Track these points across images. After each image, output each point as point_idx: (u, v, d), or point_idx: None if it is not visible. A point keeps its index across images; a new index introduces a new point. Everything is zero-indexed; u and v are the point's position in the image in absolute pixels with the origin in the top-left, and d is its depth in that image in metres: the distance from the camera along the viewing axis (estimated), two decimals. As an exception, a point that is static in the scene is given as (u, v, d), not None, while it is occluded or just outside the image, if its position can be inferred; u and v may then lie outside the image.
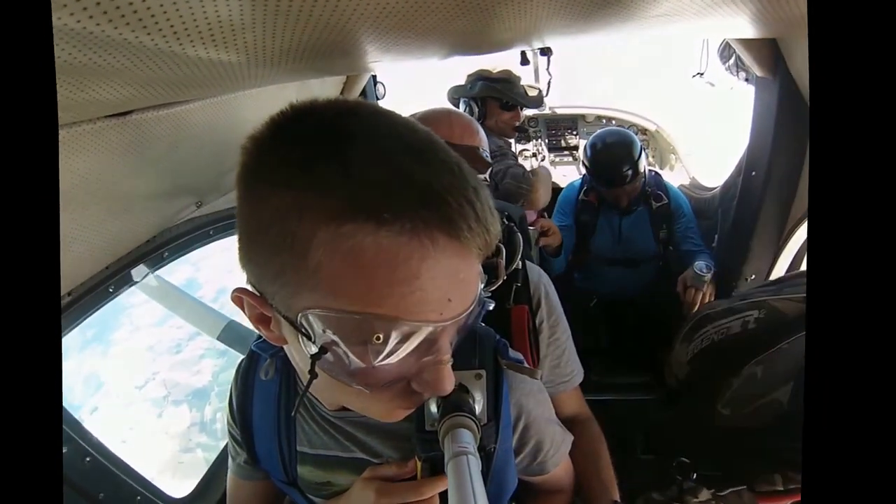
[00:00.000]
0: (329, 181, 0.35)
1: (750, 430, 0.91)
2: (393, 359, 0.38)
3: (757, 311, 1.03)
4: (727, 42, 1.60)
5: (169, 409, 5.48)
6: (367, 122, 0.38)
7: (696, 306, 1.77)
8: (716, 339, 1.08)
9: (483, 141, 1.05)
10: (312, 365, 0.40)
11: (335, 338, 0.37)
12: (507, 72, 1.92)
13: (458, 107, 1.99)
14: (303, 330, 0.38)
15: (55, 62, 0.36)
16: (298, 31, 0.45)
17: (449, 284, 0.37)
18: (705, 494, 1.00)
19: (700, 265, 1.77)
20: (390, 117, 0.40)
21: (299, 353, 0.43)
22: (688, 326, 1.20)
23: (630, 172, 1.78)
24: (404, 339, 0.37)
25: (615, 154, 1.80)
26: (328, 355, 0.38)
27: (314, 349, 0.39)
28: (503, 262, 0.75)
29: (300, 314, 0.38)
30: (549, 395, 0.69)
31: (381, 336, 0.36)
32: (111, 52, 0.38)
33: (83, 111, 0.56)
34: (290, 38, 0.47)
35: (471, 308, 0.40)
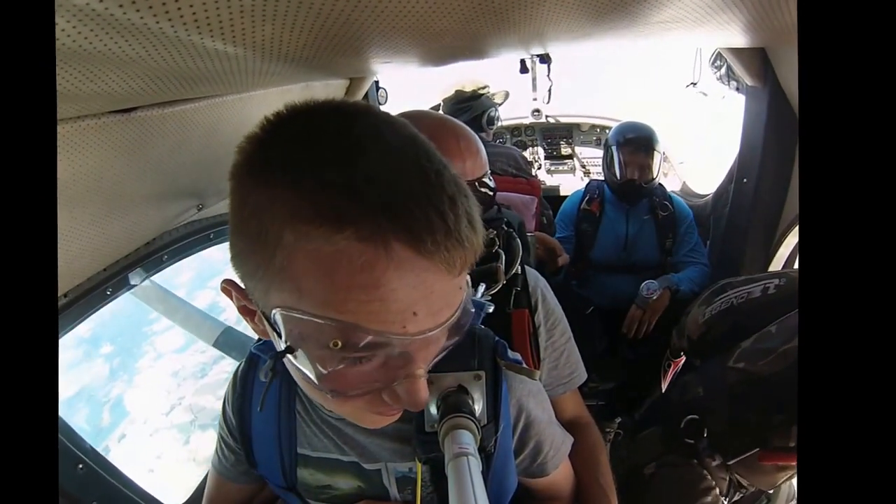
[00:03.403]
0: (298, 182, 0.34)
1: (764, 378, 0.91)
2: (355, 366, 0.37)
3: (778, 279, 1.07)
4: (719, 52, 1.65)
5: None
6: (349, 122, 0.38)
7: (633, 330, 1.81)
8: (735, 302, 1.11)
9: (484, 165, 0.90)
10: (274, 362, 0.39)
11: (298, 339, 0.37)
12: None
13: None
14: (275, 328, 0.38)
15: (70, 48, 0.36)
16: (318, 26, 0.45)
17: (414, 297, 0.35)
18: (717, 459, 1.00)
19: (650, 284, 1.81)
20: (375, 118, 0.39)
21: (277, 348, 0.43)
22: (709, 291, 1.23)
23: (655, 143, 1.93)
24: (366, 347, 0.36)
25: (645, 127, 2.00)
26: (293, 356, 0.38)
27: (282, 347, 0.38)
28: (502, 266, 0.75)
29: (272, 311, 0.37)
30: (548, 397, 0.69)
31: (338, 342, 0.36)
32: (128, 39, 0.38)
33: (89, 104, 0.55)
34: (308, 33, 0.47)
35: (445, 323, 0.38)
